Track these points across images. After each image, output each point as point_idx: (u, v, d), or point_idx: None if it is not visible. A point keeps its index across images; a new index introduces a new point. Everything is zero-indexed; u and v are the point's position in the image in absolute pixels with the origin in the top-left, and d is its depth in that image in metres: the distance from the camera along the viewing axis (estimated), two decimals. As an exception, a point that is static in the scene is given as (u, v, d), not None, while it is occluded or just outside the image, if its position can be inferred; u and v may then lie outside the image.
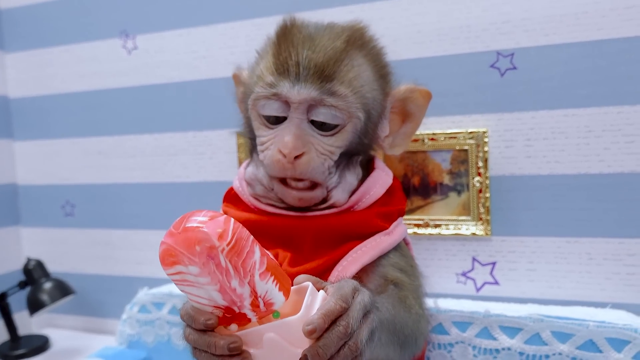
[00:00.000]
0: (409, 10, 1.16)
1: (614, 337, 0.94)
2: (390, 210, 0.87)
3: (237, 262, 0.54)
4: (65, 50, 1.53)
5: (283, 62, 0.78)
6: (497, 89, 1.11)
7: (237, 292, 0.55)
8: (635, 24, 1.02)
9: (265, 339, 0.56)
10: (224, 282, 0.54)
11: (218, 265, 0.53)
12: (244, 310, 0.56)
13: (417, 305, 0.83)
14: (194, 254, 0.52)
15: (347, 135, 0.81)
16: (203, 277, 0.54)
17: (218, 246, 0.52)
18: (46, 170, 1.60)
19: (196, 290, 0.56)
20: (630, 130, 1.03)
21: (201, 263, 0.53)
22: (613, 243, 1.07)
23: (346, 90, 0.78)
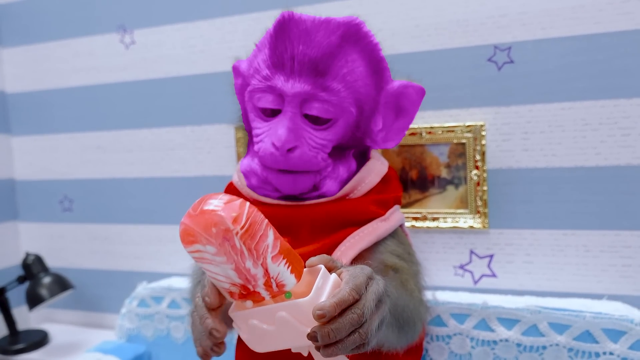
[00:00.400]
0: (407, 5, 1.17)
1: (610, 328, 0.96)
2: (386, 198, 0.89)
3: (251, 244, 0.56)
4: (62, 45, 1.53)
5: (279, 56, 0.80)
6: (495, 83, 1.12)
7: (251, 273, 0.58)
8: (631, 17, 1.02)
9: (277, 317, 0.58)
10: (239, 262, 0.57)
11: (233, 246, 0.56)
12: (258, 289, 0.59)
13: (417, 290, 0.84)
14: (211, 235, 0.55)
15: (339, 129, 0.83)
16: (219, 257, 0.57)
17: (232, 229, 0.55)
18: (44, 166, 1.60)
19: (214, 267, 0.59)
20: (627, 124, 1.04)
21: (217, 244, 0.56)
22: (609, 235, 1.08)
23: (339, 85, 0.80)
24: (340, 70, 0.80)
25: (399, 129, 0.90)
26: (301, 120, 0.81)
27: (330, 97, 0.79)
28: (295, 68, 0.79)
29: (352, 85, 0.81)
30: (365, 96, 0.83)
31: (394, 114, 0.90)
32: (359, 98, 0.82)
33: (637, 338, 0.94)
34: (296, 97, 0.79)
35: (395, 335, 0.77)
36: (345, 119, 0.82)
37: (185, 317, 1.28)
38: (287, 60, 0.79)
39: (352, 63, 0.81)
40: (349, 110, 0.81)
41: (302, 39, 0.79)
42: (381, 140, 0.89)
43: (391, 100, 0.88)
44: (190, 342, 1.28)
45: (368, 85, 0.83)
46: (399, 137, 0.90)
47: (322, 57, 0.78)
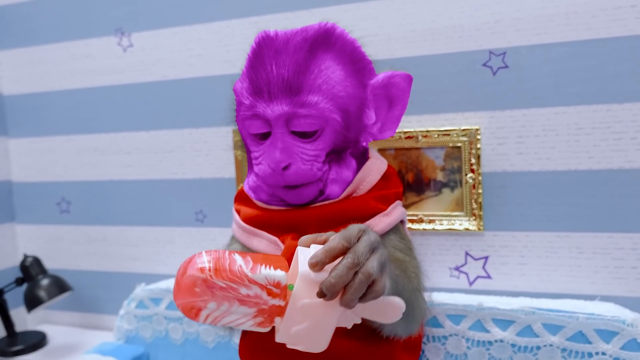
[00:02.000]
0: (403, 10, 1.18)
1: (603, 328, 0.97)
2: (387, 194, 0.92)
3: (227, 275, 0.61)
4: (60, 48, 1.53)
5: (256, 83, 0.84)
6: (490, 87, 1.13)
7: (252, 295, 0.62)
8: (623, 24, 1.04)
9: (300, 310, 0.62)
10: (237, 295, 0.62)
11: (221, 288, 0.61)
12: (270, 303, 0.63)
13: (417, 281, 0.87)
14: (199, 295, 0.61)
15: (327, 137, 0.85)
16: (223, 305, 0.62)
17: (205, 277, 0.61)
18: (41, 168, 1.60)
19: (229, 317, 0.64)
20: (619, 128, 1.06)
21: (210, 297, 0.61)
22: (602, 237, 1.10)
23: (316, 97, 0.82)
24: (315, 82, 0.82)
25: (394, 118, 0.92)
26: (290, 137, 0.84)
27: (310, 111, 0.82)
28: (272, 92, 0.83)
29: (330, 92, 0.83)
30: (348, 98, 0.85)
31: (387, 105, 0.92)
32: (341, 102, 0.84)
33: (628, 338, 0.96)
34: (279, 119, 0.83)
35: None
36: (331, 126, 0.85)
37: (184, 319, 1.29)
38: (263, 86, 0.83)
39: (327, 70, 0.83)
40: (332, 118, 0.84)
41: (274, 61, 0.83)
42: (377, 131, 0.92)
43: (380, 92, 0.90)
44: (189, 343, 1.29)
45: (349, 86, 0.85)
46: (394, 126, 0.93)
47: (293, 75, 0.82)
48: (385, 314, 0.66)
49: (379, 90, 0.89)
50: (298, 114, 0.82)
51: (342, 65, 0.85)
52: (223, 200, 1.39)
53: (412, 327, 0.87)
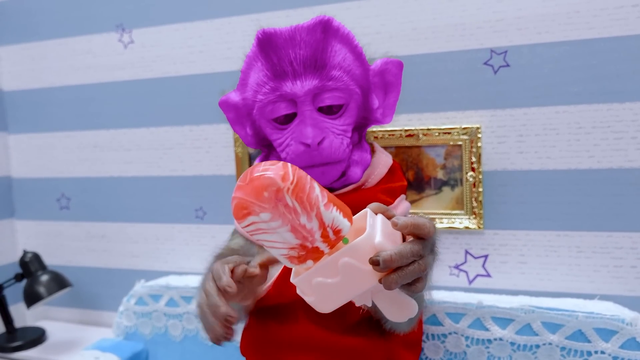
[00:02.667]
0: (405, 8, 1.18)
1: (602, 327, 0.98)
2: (394, 187, 0.95)
3: (302, 197, 0.58)
4: (60, 44, 1.53)
5: (276, 66, 0.84)
6: (491, 86, 1.13)
7: (307, 228, 0.59)
8: (625, 23, 1.04)
9: (340, 264, 0.59)
10: (294, 220, 0.58)
11: (286, 206, 0.57)
12: (316, 244, 0.60)
13: None
14: (263, 200, 0.57)
15: (352, 111, 0.88)
16: (274, 222, 0.58)
17: (283, 187, 0.57)
18: (41, 164, 1.60)
19: (270, 236, 0.60)
20: (619, 127, 1.06)
21: (271, 207, 0.57)
22: (602, 236, 1.10)
23: (339, 72, 0.85)
24: (335, 59, 0.85)
25: (391, 104, 0.95)
26: (318, 114, 0.86)
27: (337, 84, 0.85)
28: (297, 70, 0.84)
29: (348, 69, 0.86)
30: (360, 77, 0.89)
31: (384, 92, 0.94)
32: (357, 80, 0.88)
33: (627, 337, 0.96)
34: (308, 94, 0.84)
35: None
36: (354, 101, 0.88)
37: (183, 315, 1.29)
38: (287, 67, 0.84)
39: (340, 51, 0.87)
40: (355, 92, 0.87)
41: (291, 45, 0.84)
42: (381, 116, 0.94)
43: (377, 79, 0.93)
44: (188, 339, 1.29)
45: (357, 67, 0.89)
46: (392, 112, 0.95)
47: (315, 52, 0.84)
48: (398, 311, 0.65)
49: (376, 77, 0.93)
50: (327, 87, 0.84)
51: (348, 49, 0.88)
52: (223, 197, 1.39)
53: (413, 323, 0.88)
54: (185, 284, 1.31)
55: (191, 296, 1.29)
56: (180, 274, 1.44)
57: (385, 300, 0.64)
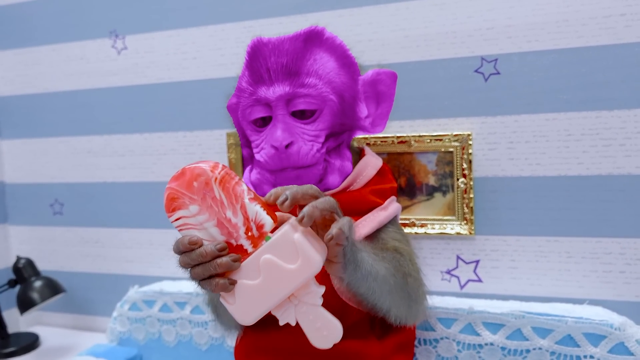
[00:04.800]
0: (397, 16, 1.19)
1: (591, 332, 0.99)
2: (384, 188, 0.96)
3: (229, 188, 0.62)
4: (54, 49, 1.53)
5: (257, 72, 0.90)
6: (482, 93, 1.15)
7: (232, 222, 0.62)
8: (613, 32, 1.06)
9: (261, 262, 0.61)
10: (220, 214, 0.62)
11: (213, 198, 0.62)
12: (241, 241, 0.63)
13: (415, 271, 0.90)
14: (193, 191, 0.62)
15: (326, 117, 0.90)
16: (202, 215, 0.62)
17: (211, 176, 0.61)
18: (34, 169, 1.60)
19: (197, 232, 0.63)
20: (608, 135, 1.08)
21: (200, 199, 0.62)
22: (591, 242, 1.11)
23: (314, 79, 0.89)
24: (312, 67, 0.89)
25: (382, 114, 0.97)
26: (291, 119, 0.89)
27: (309, 90, 0.88)
28: (272, 76, 0.89)
29: (326, 77, 0.89)
30: (342, 85, 0.91)
31: (375, 102, 0.97)
32: (336, 87, 0.90)
33: (616, 342, 0.98)
34: (280, 99, 0.88)
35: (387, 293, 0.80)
36: (329, 107, 0.89)
37: (177, 321, 1.30)
38: (264, 73, 0.89)
39: (321, 60, 0.90)
40: (329, 99, 0.89)
41: (272, 53, 0.89)
42: (370, 125, 0.96)
43: (369, 89, 0.95)
44: (182, 345, 1.30)
45: (343, 75, 0.91)
46: (383, 122, 0.97)
47: (291, 60, 0.88)
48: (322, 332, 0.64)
49: (367, 87, 0.95)
50: (298, 93, 0.87)
51: (334, 58, 0.91)
52: (217, 203, 1.40)
53: (415, 311, 0.89)
54: (179, 290, 1.31)
55: (185, 302, 1.30)
56: (174, 279, 1.45)
57: (310, 318, 0.64)
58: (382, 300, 0.80)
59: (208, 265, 0.62)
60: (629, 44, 1.05)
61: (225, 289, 0.63)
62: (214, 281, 0.63)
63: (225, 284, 0.62)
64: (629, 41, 1.05)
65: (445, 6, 1.16)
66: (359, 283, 0.74)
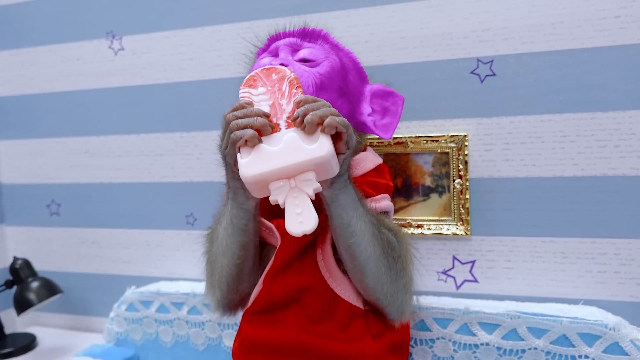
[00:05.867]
0: (393, 17, 1.20)
1: (586, 332, 1.00)
2: (379, 182, 0.97)
3: (293, 87, 0.78)
4: (51, 50, 1.53)
5: (272, 38, 0.98)
6: (477, 95, 1.15)
7: (282, 107, 0.77)
8: (608, 34, 1.07)
9: (285, 137, 0.74)
10: (277, 99, 0.77)
11: (279, 89, 0.78)
12: (280, 121, 0.76)
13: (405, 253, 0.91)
14: (270, 80, 0.79)
15: (326, 68, 0.92)
16: (264, 95, 0.78)
17: (287, 76, 0.78)
18: (31, 170, 1.60)
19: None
20: (603, 136, 1.09)
21: (270, 85, 0.78)
22: (586, 243, 1.12)
23: (321, 42, 0.95)
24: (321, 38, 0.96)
25: (387, 125, 0.97)
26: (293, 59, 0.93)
27: (315, 45, 0.94)
28: (285, 34, 0.97)
29: (334, 45, 0.95)
30: (348, 65, 0.95)
31: (381, 114, 0.98)
32: (341, 58, 0.94)
33: (611, 342, 0.98)
34: (287, 45, 0.94)
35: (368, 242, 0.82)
36: (329, 62, 0.92)
37: (174, 321, 1.30)
38: (280, 34, 0.97)
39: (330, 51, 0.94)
40: (332, 58, 0.93)
41: (288, 34, 0.96)
42: (372, 124, 0.96)
43: (376, 102, 0.97)
44: (179, 345, 1.30)
45: (348, 64, 0.95)
46: (387, 132, 0.97)
47: (306, 32, 0.96)
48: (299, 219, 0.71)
49: (374, 97, 0.97)
50: (304, 45, 0.94)
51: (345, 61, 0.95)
52: (213, 204, 1.40)
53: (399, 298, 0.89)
54: (176, 290, 1.32)
55: (182, 302, 1.30)
56: (171, 279, 1.45)
57: (295, 203, 0.71)
58: (362, 247, 0.82)
59: (250, 119, 0.74)
60: (624, 46, 1.06)
61: (253, 138, 0.73)
62: (247, 131, 0.73)
63: (253, 135, 0.73)
64: (623, 43, 1.06)
65: (442, 8, 1.16)
66: (342, 209, 0.79)
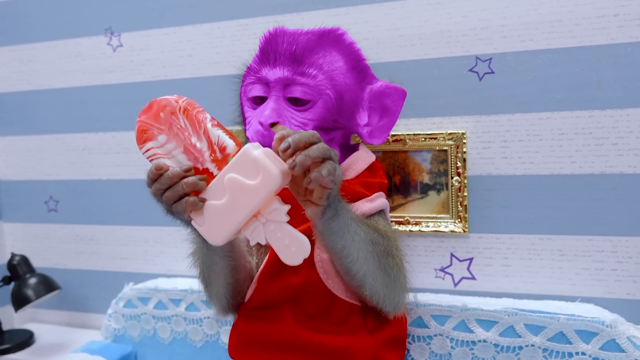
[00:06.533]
0: (392, 15, 1.20)
1: (583, 329, 1.00)
2: (372, 182, 0.97)
3: (192, 115, 0.68)
4: (49, 47, 1.53)
5: (266, 54, 0.93)
6: (476, 93, 1.16)
7: (197, 147, 0.68)
8: (606, 32, 1.07)
9: (225, 181, 0.65)
10: (186, 141, 0.68)
11: (179, 127, 0.68)
12: (206, 165, 0.68)
13: (398, 257, 0.90)
14: (160, 121, 0.68)
15: (319, 110, 0.91)
16: (170, 143, 0.68)
17: (176, 106, 0.68)
18: (29, 166, 1.60)
19: (167, 161, 0.69)
20: (600, 134, 1.09)
21: (167, 129, 0.68)
22: (583, 240, 1.12)
23: (315, 71, 0.91)
24: (317, 61, 0.91)
25: (383, 127, 0.98)
26: (284, 102, 0.91)
27: (308, 80, 0.90)
28: (277, 60, 0.91)
29: (329, 72, 0.91)
30: (345, 85, 0.92)
31: (379, 115, 0.98)
32: (337, 85, 0.91)
33: (607, 339, 0.99)
34: (278, 82, 0.90)
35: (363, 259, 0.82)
36: (323, 101, 0.90)
37: (172, 318, 1.30)
38: (271, 55, 0.92)
39: (330, 57, 0.92)
40: (326, 93, 0.90)
41: (286, 40, 0.92)
42: (367, 134, 0.97)
43: (375, 100, 0.97)
44: (177, 342, 1.30)
45: (348, 77, 0.93)
46: (383, 136, 0.98)
47: (299, 49, 0.91)
48: (290, 249, 0.67)
49: (374, 98, 0.96)
50: (296, 80, 0.90)
51: (345, 60, 0.94)
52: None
53: (393, 293, 0.88)
54: (174, 287, 1.32)
55: (180, 299, 1.30)
56: (169, 276, 1.45)
57: (278, 236, 0.67)
58: (357, 265, 0.81)
59: (177, 186, 0.67)
60: (622, 44, 1.06)
61: (195, 205, 0.67)
62: (184, 200, 0.67)
63: (195, 201, 0.66)
64: (621, 41, 1.06)
65: (440, 6, 1.16)
66: (336, 235, 0.76)
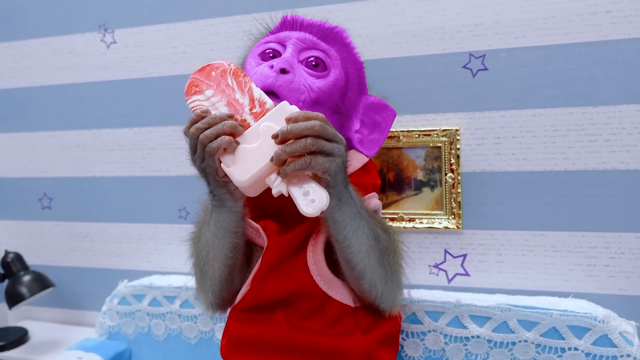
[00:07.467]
0: (386, 11, 1.20)
1: (576, 324, 1.01)
2: (366, 182, 0.95)
3: (239, 77, 0.76)
4: (42, 43, 1.52)
5: (288, 20, 0.92)
6: (469, 89, 1.16)
7: (240, 102, 0.75)
8: (599, 29, 1.07)
9: (261, 128, 0.72)
10: (230, 96, 0.75)
11: (227, 85, 0.76)
12: (245, 116, 0.74)
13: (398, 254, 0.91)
14: (211, 79, 0.76)
15: (329, 83, 0.88)
16: (215, 97, 0.75)
17: (227, 68, 0.76)
18: (23, 163, 1.59)
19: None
20: (593, 130, 1.09)
21: (215, 85, 0.76)
22: (576, 236, 1.13)
23: (334, 52, 0.91)
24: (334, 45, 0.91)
25: (372, 141, 0.96)
26: (298, 61, 0.88)
27: (328, 48, 0.90)
28: (301, 27, 0.91)
29: (342, 58, 0.91)
30: (351, 80, 0.92)
31: (369, 129, 0.96)
32: (347, 73, 0.91)
33: (600, 334, 0.99)
34: (299, 42, 0.89)
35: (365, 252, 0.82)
36: (335, 77, 0.89)
37: (166, 315, 1.30)
38: (296, 22, 0.92)
39: (343, 49, 0.92)
40: (340, 71, 0.90)
41: (304, 28, 0.91)
42: (358, 141, 0.95)
43: (367, 114, 0.96)
44: (171, 339, 1.30)
45: (353, 75, 0.92)
46: (373, 149, 0.96)
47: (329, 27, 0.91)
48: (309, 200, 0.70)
49: (367, 110, 0.95)
50: (317, 45, 0.89)
51: (351, 64, 0.93)
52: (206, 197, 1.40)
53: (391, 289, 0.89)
54: (169, 284, 1.32)
55: (174, 296, 1.30)
56: (163, 273, 1.45)
57: (298, 186, 0.70)
58: (358, 258, 0.81)
59: (217, 126, 0.71)
60: (615, 41, 1.07)
61: (230, 144, 0.70)
62: (221, 138, 0.70)
63: (230, 140, 0.70)
64: (614, 38, 1.07)
65: (434, 2, 1.16)
66: (339, 224, 0.77)
